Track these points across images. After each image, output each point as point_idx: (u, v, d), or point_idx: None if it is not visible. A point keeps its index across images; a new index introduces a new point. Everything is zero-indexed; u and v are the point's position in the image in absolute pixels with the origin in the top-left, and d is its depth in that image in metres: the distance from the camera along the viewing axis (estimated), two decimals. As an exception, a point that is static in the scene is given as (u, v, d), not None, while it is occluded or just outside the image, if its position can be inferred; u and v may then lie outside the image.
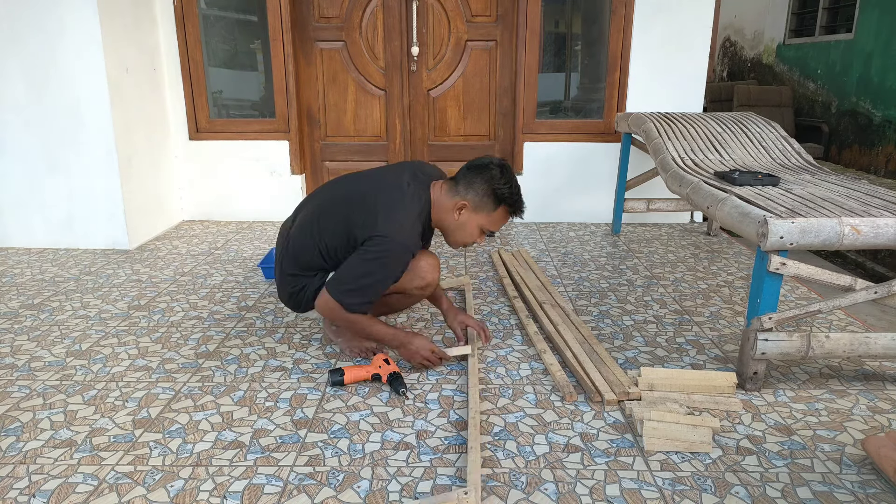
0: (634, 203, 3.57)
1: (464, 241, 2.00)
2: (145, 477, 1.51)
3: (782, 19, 8.00)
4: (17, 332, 2.34)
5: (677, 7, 3.65)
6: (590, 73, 4.08)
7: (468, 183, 1.91)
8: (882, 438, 1.57)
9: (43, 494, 1.45)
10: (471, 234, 1.97)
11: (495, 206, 1.91)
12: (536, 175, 3.94)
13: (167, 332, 2.34)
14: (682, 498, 1.45)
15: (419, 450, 1.63)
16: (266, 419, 1.76)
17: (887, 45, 6.11)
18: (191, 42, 3.76)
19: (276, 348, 2.21)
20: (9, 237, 3.42)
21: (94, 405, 1.83)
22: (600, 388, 1.86)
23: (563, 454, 1.61)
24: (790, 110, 7.15)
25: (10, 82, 3.17)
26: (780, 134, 2.93)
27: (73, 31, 3.09)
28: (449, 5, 3.83)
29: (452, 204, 1.92)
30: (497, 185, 1.88)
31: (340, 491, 1.47)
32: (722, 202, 1.96)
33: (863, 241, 1.72)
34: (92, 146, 3.23)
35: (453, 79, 3.95)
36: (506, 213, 1.93)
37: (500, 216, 1.94)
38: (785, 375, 2.04)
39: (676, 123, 3.03)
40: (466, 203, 1.91)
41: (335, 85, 3.95)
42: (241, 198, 3.99)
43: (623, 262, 3.20)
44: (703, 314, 2.53)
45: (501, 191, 1.89)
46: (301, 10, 3.83)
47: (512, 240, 3.60)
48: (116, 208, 3.32)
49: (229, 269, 3.07)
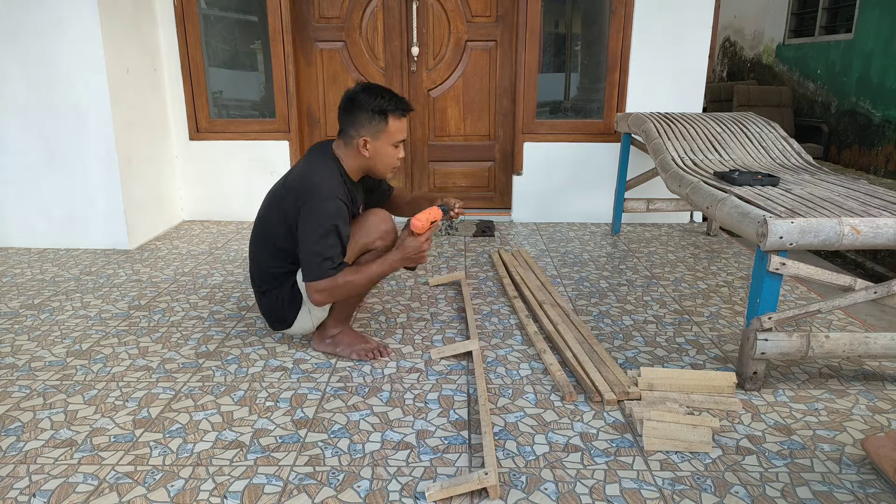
0: (634, 203, 3.58)
1: (387, 164, 2.06)
2: (145, 477, 1.51)
3: (782, 19, 8.00)
4: (18, 332, 2.34)
5: (677, 7, 3.65)
6: (590, 73, 4.08)
7: (351, 122, 1.99)
8: (882, 438, 1.58)
9: (43, 494, 1.45)
10: (388, 155, 2.04)
11: (385, 121, 1.97)
12: (536, 175, 3.94)
13: (167, 332, 2.34)
14: (682, 498, 1.45)
15: (419, 450, 1.63)
16: (266, 419, 1.76)
17: (887, 45, 6.11)
18: (191, 42, 3.76)
19: (276, 348, 2.21)
20: (9, 237, 3.42)
21: (95, 405, 1.83)
22: (600, 387, 1.87)
23: (563, 454, 1.61)
24: (790, 110, 7.15)
25: (10, 82, 3.17)
26: (780, 134, 2.93)
27: (74, 31, 3.09)
28: (449, 5, 3.83)
29: (355, 147, 2.01)
30: (371, 105, 1.95)
31: (340, 491, 1.47)
32: (722, 202, 1.97)
33: (862, 241, 1.72)
34: (92, 146, 3.23)
35: (453, 79, 3.95)
36: (397, 118, 1.99)
37: (395, 124, 2.00)
38: (785, 375, 2.04)
39: (676, 123, 3.03)
40: (365, 138, 1.99)
41: (335, 85, 3.96)
42: (241, 198, 3.99)
43: (623, 262, 3.20)
44: (702, 314, 2.54)
45: (379, 106, 1.96)
46: (301, 11, 3.83)
47: (512, 240, 3.60)
48: (116, 208, 3.32)
49: (229, 269, 3.07)
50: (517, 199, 4.01)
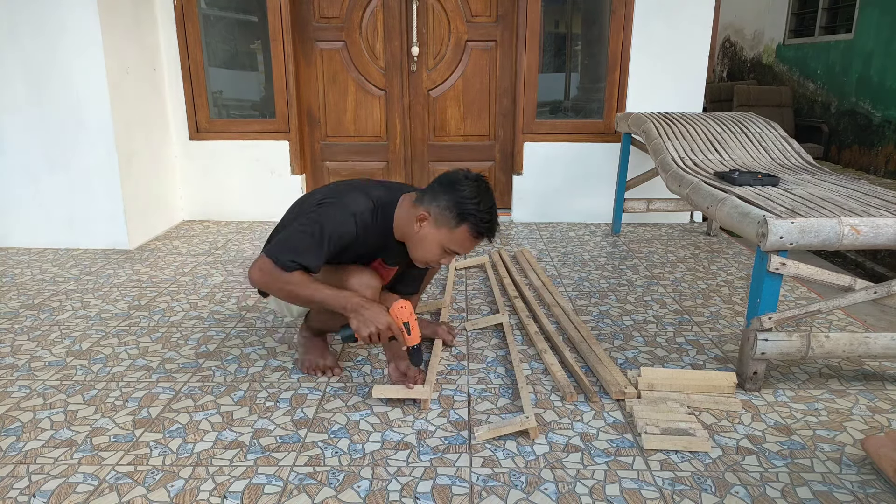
0: (634, 203, 3.58)
1: (424, 257, 1.80)
2: (145, 477, 1.51)
3: (782, 19, 8.00)
4: (18, 332, 2.34)
5: (677, 7, 3.65)
6: (590, 73, 4.08)
7: (434, 195, 1.74)
8: (882, 438, 1.57)
9: (43, 494, 1.45)
10: (431, 250, 1.77)
11: (458, 223, 1.70)
12: (536, 175, 3.94)
13: (167, 332, 2.34)
14: (682, 498, 1.45)
15: (419, 450, 1.63)
16: (266, 419, 1.76)
17: (887, 45, 6.11)
18: (191, 42, 3.76)
19: (276, 348, 2.21)
20: (9, 237, 3.42)
21: (95, 405, 1.83)
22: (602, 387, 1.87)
23: (563, 454, 1.61)
24: (790, 110, 7.15)
25: (10, 82, 3.17)
26: (780, 134, 2.93)
27: (73, 31, 3.09)
28: (449, 5, 3.83)
29: (414, 214, 1.76)
30: (462, 199, 1.69)
31: (340, 491, 1.47)
32: (722, 202, 1.97)
33: (862, 241, 1.72)
34: (92, 146, 3.23)
35: (453, 79, 3.95)
36: (469, 233, 1.71)
37: (463, 235, 1.72)
38: (785, 375, 2.04)
39: (676, 123, 3.03)
40: (427, 215, 1.73)
41: (335, 85, 3.96)
42: (241, 198, 3.99)
43: (623, 262, 3.20)
44: (702, 314, 2.53)
45: (466, 207, 1.68)
46: (301, 10, 3.83)
47: (512, 240, 3.60)
48: (116, 208, 3.32)
49: (230, 269, 3.07)
50: (517, 199, 4.00)
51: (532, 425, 1.66)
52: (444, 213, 1.71)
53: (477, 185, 1.73)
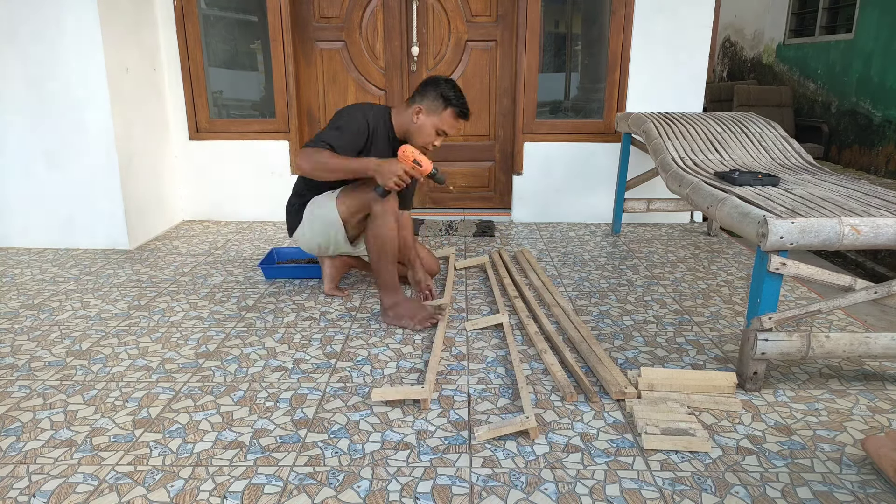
0: (634, 203, 3.58)
1: (424, 141, 2.40)
2: (145, 477, 1.51)
3: (782, 19, 8.01)
4: (17, 332, 2.34)
5: (677, 7, 3.65)
6: (590, 73, 4.08)
7: (422, 94, 2.38)
8: (882, 438, 1.57)
9: (43, 494, 1.45)
10: (428, 133, 2.39)
11: (444, 108, 2.36)
12: (536, 175, 3.94)
13: (167, 332, 2.34)
14: (682, 498, 1.45)
15: (419, 450, 1.63)
16: (266, 419, 1.76)
17: (887, 45, 6.11)
18: (191, 42, 3.76)
19: (276, 348, 2.21)
20: (9, 237, 3.42)
21: (95, 405, 1.83)
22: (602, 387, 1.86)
23: (563, 454, 1.61)
24: (790, 110, 7.15)
25: (10, 82, 3.17)
26: (780, 134, 2.93)
27: (73, 31, 3.09)
28: (449, 5, 3.83)
29: (411, 111, 2.39)
30: (444, 91, 2.35)
31: (340, 491, 1.47)
32: (722, 202, 1.96)
33: (863, 241, 1.72)
34: (92, 146, 3.23)
35: (453, 78, 3.95)
36: (453, 114, 2.37)
37: (449, 116, 2.37)
38: (785, 375, 2.04)
39: (676, 123, 3.03)
40: (421, 108, 2.37)
41: (335, 85, 3.96)
42: (241, 198, 3.99)
43: (623, 262, 3.20)
44: (703, 314, 2.53)
45: (448, 94, 2.35)
46: (301, 10, 3.83)
47: (512, 240, 3.60)
48: (116, 208, 3.32)
49: (229, 269, 3.07)
50: (517, 199, 4.00)
51: (532, 425, 1.67)
52: (433, 103, 2.37)
53: (452, 83, 2.40)
